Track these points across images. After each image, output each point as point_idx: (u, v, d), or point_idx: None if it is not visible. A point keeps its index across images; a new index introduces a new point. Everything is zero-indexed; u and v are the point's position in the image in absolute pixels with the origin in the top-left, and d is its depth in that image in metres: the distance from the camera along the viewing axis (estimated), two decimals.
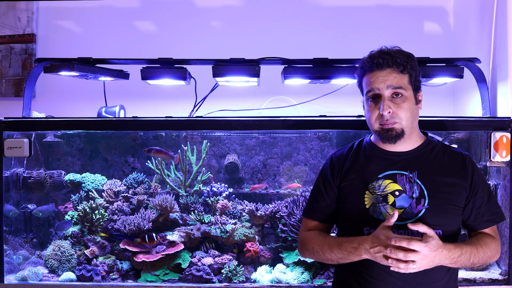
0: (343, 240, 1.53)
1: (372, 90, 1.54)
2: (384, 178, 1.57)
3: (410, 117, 1.53)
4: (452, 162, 1.59)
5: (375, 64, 1.53)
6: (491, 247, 1.55)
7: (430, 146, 1.62)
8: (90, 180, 2.71)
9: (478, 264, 1.54)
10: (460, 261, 1.46)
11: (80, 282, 2.29)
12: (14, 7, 3.01)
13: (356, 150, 1.68)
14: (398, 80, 1.52)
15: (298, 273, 2.29)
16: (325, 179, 1.68)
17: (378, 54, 1.55)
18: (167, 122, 2.23)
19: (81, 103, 2.95)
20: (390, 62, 1.52)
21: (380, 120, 1.54)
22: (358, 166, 1.63)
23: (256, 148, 2.88)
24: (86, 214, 2.52)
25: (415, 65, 1.57)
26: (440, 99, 2.87)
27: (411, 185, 1.55)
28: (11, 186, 2.43)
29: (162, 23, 3.04)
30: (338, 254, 1.52)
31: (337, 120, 2.19)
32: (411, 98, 1.55)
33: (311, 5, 3.00)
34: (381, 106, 1.52)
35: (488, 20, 2.39)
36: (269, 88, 2.75)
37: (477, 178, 1.58)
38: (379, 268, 1.50)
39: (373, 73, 1.55)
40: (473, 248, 1.50)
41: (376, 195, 1.56)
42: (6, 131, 2.21)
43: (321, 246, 1.58)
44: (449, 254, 1.43)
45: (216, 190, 2.68)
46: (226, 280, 2.29)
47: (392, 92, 1.52)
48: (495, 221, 1.59)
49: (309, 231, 1.68)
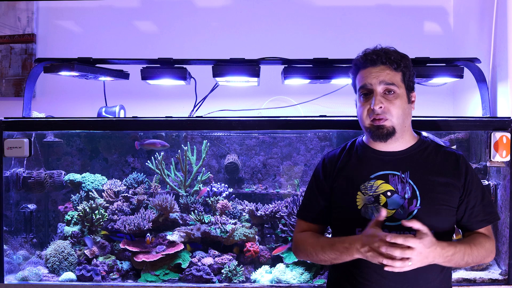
0: (335, 240, 1.53)
1: (364, 85, 1.54)
2: (376, 178, 1.56)
3: (402, 115, 1.53)
4: (445, 162, 1.58)
5: (369, 60, 1.54)
6: (486, 247, 1.53)
7: (423, 146, 1.61)
8: (90, 180, 2.71)
9: (473, 264, 1.52)
10: (453, 259, 1.45)
11: (80, 282, 2.29)
12: (14, 7, 3.01)
13: (348, 150, 1.67)
14: (391, 76, 1.52)
15: (298, 273, 2.29)
16: (318, 180, 1.67)
17: (372, 51, 1.55)
18: (167, 122, 2.23)
19: (81, 103, 2.95)
20: (384, 59, 1.52)
21: (371, 116, 1.53)
22: (350, 167, 1.62)
23: (256, 148, 2.89)
24: (86, 214, 2.52)
25: (409, 65, 1.56)
26: (440, 99, 2.87)
27: (403, 185, 1.54)
28: (11, 186, 2.43)
29: (162, 23, 3.04)
30: (330, 254, 1.51)
31: (337, 120, 2.19)
32: (403, 97, 1.54)
33: (311, 5, 3.00)
34: (372, 101, 1.51)
35: (488, 20, 2.39)
36: (269, 88, 2.75)
37: (471, 178, 1.57)
38: (371, 269, 1.50)
39: (366, 70, 1.55)
40: (467, 247, 1.48)
41: (368, 196, 1.55)
42: (6, 131, 2.21)
43: (314, 247, 1.57)
44: (442, 252, 1.41)
45: (216, 190, 2.68)
46: (226, 280, 2.29)
47: (384, 88, 1.52)
48: (489, 221, 1.58)
49: (303, 232, 1.67)
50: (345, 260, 1.49)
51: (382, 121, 1.51)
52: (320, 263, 1.59)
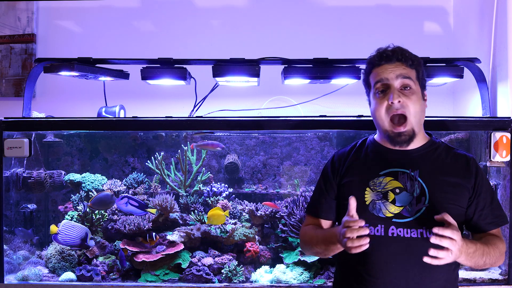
0: (325, 232, 1.58)
1: (380, 80, 1.54)
2: (385, 175, 1.57)
3: (419, 112, 1.54)
4: (456, 163, 1.58)
5: (384, 57, 1.54)
6: (499, 248, 1.53)
7: (433, 146, 1.62)
8: (90, 180, 2.71)
9: (489, 265, 1.51)
10: (474, 257, 1.44)
11: (80, 282, 2.29)
12: (14, 7, 3.01)
13: (358, 148, 1.68)
14: (407, 71, 1.53)
15: (298, 273, 2.29)
16: (326, 177, 1.69)
17: (386, 49, 1.56)
18: (167, 122, 2.23)
19: (81, 103, 2.94)
20: (399, 55, 1.53)
21: (390, 111, 1.52)
22: (359, 163, 1.63)
23: (256, 148, 2.89)
24: (86, 214, 2.52)
25: (421, 63, 1.58)
26: (440, 99, 2.87)
27: (412, 183, 1.55)
28: (11, 186, 2.43)
29: (162, 23, 3.04)
30: (322, 246, 1.56)
31: (337, 120, 2.19)
32: (419, 93, 1.55)
33: (311, 5, 3.00)
34: (390, 96, 1.51)
35: (488, 20, 2.39)
36: (269, 88, 2.75)
37: (481, 180, 1.57)
38: (377, 266, 1.50)
39: (381, 66, 1.55)
40: (485, 247, 1.48)
41: (376, 192, 1.56)
42: (6, 131, 2.21)
43: (311, 239, 1.62)
44: (466, 248, 1.40)
45: (216, 190, 2.68)
46: (226, 280, 2.29)
47: (401, 82, 1.52)
48: (497, 224, 1.58)
49: (307, 226, 1.70)
50: (334, 252, 1.53)
51: (403, 126, 1.52)
52: (319, 256, 1.62)
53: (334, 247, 1.51)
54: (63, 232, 2.30)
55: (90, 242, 2.34)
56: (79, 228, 2.34)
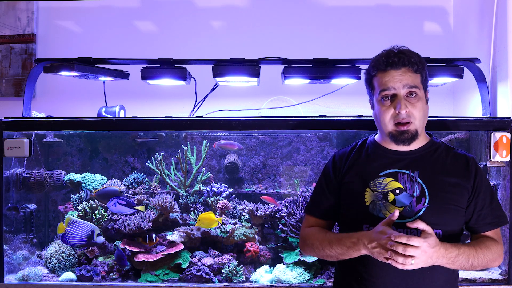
0: (343, 235, 1.54)
1: (387, 89, 1.53)
2: (385, 176, 1.58)
3: (423, 117, 1.55)
4: (455, 163, 1.59)
5: (390, 63, 1.52)
6: (493, 251, 1.53)
7: (434, 146, 1.62)
8: (90, 180, 2.71)
9: (480, 267, 1.51)
10: (457, 261, 1.45)
11: (80, 282, 2.29)
12: (14, 7, 3.01)
13: (359, 148, 1.68)
14: (413, 79, 1.53)
15: (298, 273, 2.29)
16: (327, 176, 1.69)
17: (393, 53, 1.54)
18: (167, 122, 2.23)
19: (81, 103, 2.94)
20: (406, 61, 1.52)
21: (396, 119, 1.53)
22: (360, 164, 1.64)
23: (256, 148, 2.89)
24: (86, 214, 2.52)
25: (425, 64, 1.58)
26: (440, 99, 2.87)
27: (412, 184, 1.55)
28: (11, 186, 2.43)
29: (162, 23, 3.04)
30: (337, 249, 1.52)
31: (337, 120, 2.19)
32: (423, 98, 1.55)
33: (311, 5, 3.00)
34: (398, 105, 1.51)
35: (488, 20, 2.39)
36: (269, 88, 2.75)
37: (480, 180, 1.57)
38: (377, 266, 1.50)
39: (387, 72, 1.53)
40: (471, 250, 1.48)
41: (376, 193, 1.56)
42: (6, 131, 2.21)
43: (321, 242, 1.58)
44: (446, 253, 1.41)
45: (216, 190, 2.68)
46: (226, 280, 2.29)
47: (407, 91, 1.52)
48: (497, 224, 1.58)
49: (310, 228, 1.69)
50: (351, 255, 1.50)
51: (407, 126, 1.52)
52: (326, 259, 1.60)
53: (355, 252, 1.48)
54: (70, 232, 2.28)
55: (98, 238, 2.33)
56: (86, 226, 2.32)
